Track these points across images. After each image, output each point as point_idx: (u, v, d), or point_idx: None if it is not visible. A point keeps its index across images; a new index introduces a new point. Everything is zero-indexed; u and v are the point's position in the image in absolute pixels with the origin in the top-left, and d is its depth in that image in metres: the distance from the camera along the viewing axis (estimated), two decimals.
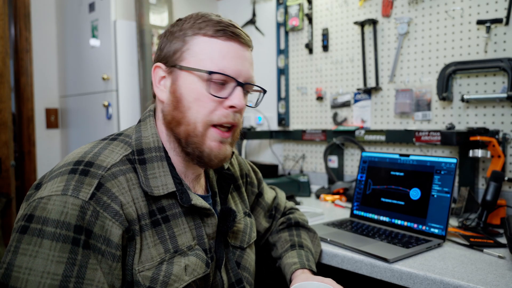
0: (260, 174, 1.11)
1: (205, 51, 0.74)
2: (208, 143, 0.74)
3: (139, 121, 0.80)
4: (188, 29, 0.75)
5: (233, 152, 0.95)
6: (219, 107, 0.74)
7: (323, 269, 1.26)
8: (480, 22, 1.51)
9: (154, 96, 0.80)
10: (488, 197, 1.27)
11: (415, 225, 1.24)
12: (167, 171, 0.74)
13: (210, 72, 0.72)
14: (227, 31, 0.74)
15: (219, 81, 0.73)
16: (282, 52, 2.25)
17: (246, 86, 0.78)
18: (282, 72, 2.26)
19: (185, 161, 0.78)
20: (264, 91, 0.84)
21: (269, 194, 1.11)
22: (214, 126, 0.74)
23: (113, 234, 0.63)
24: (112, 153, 0.71)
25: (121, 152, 0.72)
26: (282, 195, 1.18)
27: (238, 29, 0.76)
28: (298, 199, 1.81)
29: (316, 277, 0.87)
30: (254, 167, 1.10)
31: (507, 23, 1.48)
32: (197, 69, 0.73)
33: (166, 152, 0.77)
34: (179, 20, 0.79)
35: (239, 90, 0.75)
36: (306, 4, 2.11)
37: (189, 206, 0.73)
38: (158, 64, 0.78)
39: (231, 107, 0.74)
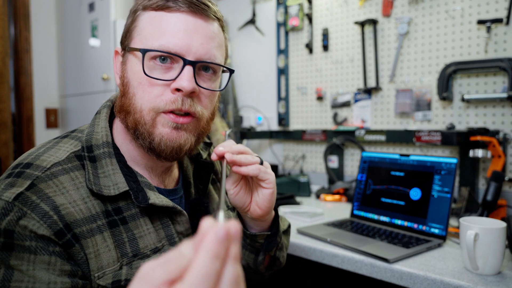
0: None
1: (149, 27, 0.64)
2: (159, 130, 0.64)
3: (96, 113, 0.73)
4: (140, 3, 0.66)
5: (211, 143, 0.88)
6: (167, 91, 0.64)
7: (323, 269, 1.25)
8: (480, 22, 1.51)
9: None
10: (489, 197, 1.27)
11: (415, 225, 1.24)
12: (117, 168, 0.65)
13: (143, 50, 0.63)
14: (176, 1, 0.63)
15: (163, 61, 0.64)
16: (282, 52, 2.25)
17: (202, 65, 0.66)
18: (282, 72, 2.26)
19: (145, 152, 0.69)
20: (231, 71, 0.71)
21: None
22: (165, 113, 0.64)
23: (42, 232, 0.57)
24: (58, 151, 0.65)
25: (69, 149, 0.66)
26: None
27: None
28: (298, 199, 1.81)
29: None
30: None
31: (507, 23, 1.48)
32: (136, 49, 0.64)
33: (117, 148, 0.69)
34: None
35: (187, 69, 0.63)
36: (306, 4, 2.11)
37: (148, 206, 0.65)
38: (117, 48, 0.71)
39: (178, 90, 0.63)
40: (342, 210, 1.61)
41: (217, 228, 0.27)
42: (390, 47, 1.82)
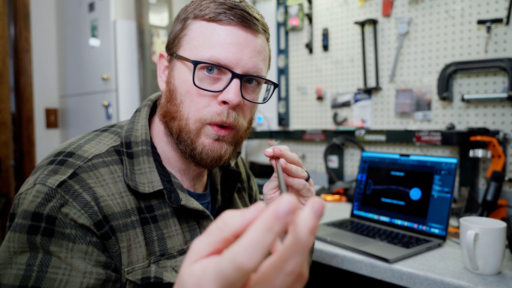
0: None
1: (200, 38, 0.65)
2: (201, 140, 0.66)
3: (136, 111, 0.74)
4: (191, 11, 0.67)
5: (239, 153, 0.89)
6: (213, 102, 0.65)
7: (323, 269, 1.25)
8: (480, 22, 1.51)
9: None
10: (489, 197, 1.27)
11: (416, 225, 1.24)
12: (153, 167, 0.67)
13: (195, 62, 0.64)
14: (228, 14, 0.64)
15: (211, 72, 0.65)
16: (282, 52, 2.25)
17: (247, 78, 0.67)
18: (282, 72, 2.26)
19: (184, 157, 0.71)
20: (275, 85, 0.73)
21: None
22: (211, 125, 0.66)
23: (82, 222, 0.58)
24: (98, 144, 0.67)
25: (109, 143, 0.68)
26: None
27: (244, 11, 0.65)
28: None
29: None
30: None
31: (507, 23, 1.48)
32: (186, 58, 0.65)
33: (154, 147, 0.71)
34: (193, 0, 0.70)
35: (235, 83, 0.64)
36: (306, 4, 2.11)
37: (179, 207, 0.67)
38: (162, 52, 0.72)
39: (224, 102, 0.65)
40: (342, 210, 1.61)
41: (279, 202, 0.26)
42: (390, 47, 1.82)
